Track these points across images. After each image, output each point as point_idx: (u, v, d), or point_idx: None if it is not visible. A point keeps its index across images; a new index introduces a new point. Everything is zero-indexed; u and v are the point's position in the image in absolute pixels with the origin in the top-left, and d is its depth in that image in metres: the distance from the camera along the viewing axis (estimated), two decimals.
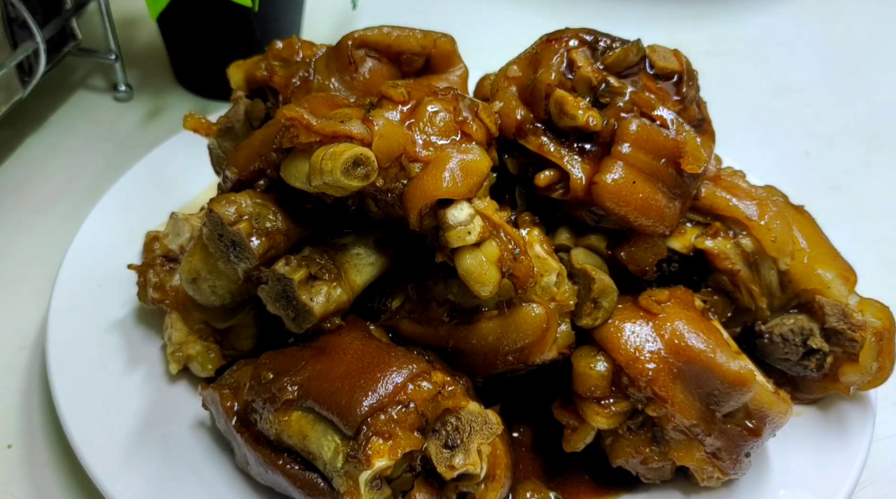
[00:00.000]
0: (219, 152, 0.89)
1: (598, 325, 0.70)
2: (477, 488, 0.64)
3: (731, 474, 0.71)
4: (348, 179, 0.62)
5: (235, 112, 0.87)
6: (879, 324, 0.74)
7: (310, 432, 0.65)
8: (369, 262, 0.73)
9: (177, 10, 1.09)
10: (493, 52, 0.91)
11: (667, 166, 0.73)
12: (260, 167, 0.71)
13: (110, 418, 0.76)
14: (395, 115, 0.67)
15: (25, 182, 1.17)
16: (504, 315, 0.69)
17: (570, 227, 0.77)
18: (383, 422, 0.62)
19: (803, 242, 0.78)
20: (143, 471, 0.72)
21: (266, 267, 0.69)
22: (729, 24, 1.63)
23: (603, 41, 0.77)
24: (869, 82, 1.48)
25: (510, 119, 0.76)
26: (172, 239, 0.86)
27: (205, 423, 0.77)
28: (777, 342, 0.76)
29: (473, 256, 0.63)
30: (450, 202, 0.64)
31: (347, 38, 0.84)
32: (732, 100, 1.39)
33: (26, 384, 0.88)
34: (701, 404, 0.68)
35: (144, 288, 0.83)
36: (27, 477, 0.80)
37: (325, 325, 0.70)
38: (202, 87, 1.33)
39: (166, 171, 1.04)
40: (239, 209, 0.69)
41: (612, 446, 0.72)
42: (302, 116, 0.64)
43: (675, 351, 0.68)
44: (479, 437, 0.63)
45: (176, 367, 0.79)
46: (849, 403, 0.79)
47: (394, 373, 0.65)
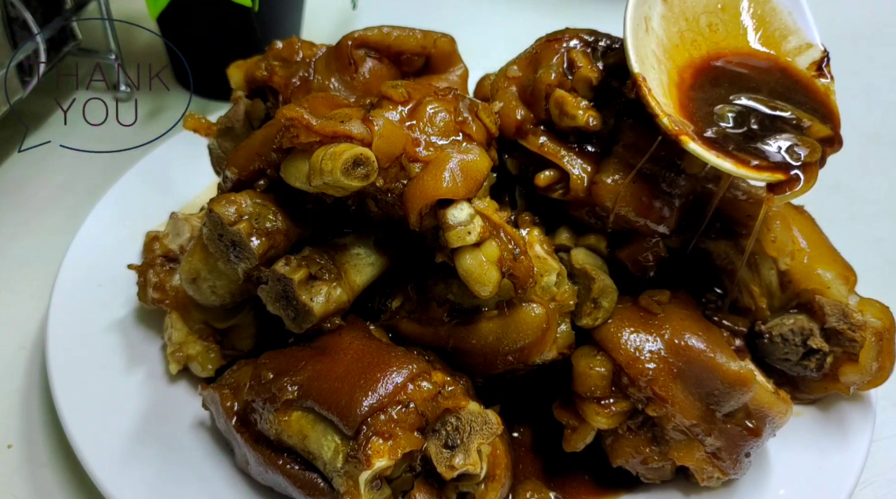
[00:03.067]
0: (219, 152, 0.89)
1: (598, 325, 0.71)
2: (477, 488, 0.64)
3: (731, 474, 0.71)
4: (348, 179, 0.62)
5: (235, 112, 0.87)
6: (879, 324, 0.74)
7: (310, 432, 0.65)
8: (369, 262, 0.73)
9: (177, 10, 1.09)
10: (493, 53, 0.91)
11: (667, 167, 0.73)
12: (260, 167, 0.71)
13: (110, 418, 0.76)
14: (395, 115, 0.67)
15: (25, 182, 1.17)
16: (504, 315, 0.69)
17: (570, 227, 0.77)
18: (383, 422, 0.62)
19: (803, 242, 0.78)
20: (143, 471, 0.72)
21: (266, 267, 0.69)
22: None
23: (603, 41, 0.77)
24: (869, 82, 1.47)
25: (510, 119, 0.76)
26: (172, 239, 0.86)
27: (205, 423, 0.77)
28: (777, 342, 0.76)
29: (473, 256, 0.63)
30: (450, 202, 0.64)
31: (347, 39, 0.84)
32: None
33: (26, 384, 0.88)
34: (701, 403, 0.68)
35: (144, 288, 0.83)
36: (27, 477, 0.80)
37: (325, 325, 0.70)
38: (202, 87, 1.33)
39: (166, 171, 1.04)
40: (239, 209, 0.69)
41: (612, 446, 0.72)
42: (302, 116, 0.64)
43: (675, 351, 0.68)
44: (479, 437, 0.63)
45: (176, 367, 0.79)
46: (849, 403, 0.79)
47: (394, 373, 0.65)
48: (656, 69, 0.70)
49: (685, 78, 0.72)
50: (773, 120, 0.68)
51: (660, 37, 0.72)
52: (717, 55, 0.74)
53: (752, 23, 0.75)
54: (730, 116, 0.68)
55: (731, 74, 0.72)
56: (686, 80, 0.72)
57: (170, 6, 1.03)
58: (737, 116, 0.68)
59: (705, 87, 0.71)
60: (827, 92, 0.72)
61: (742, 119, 0.68)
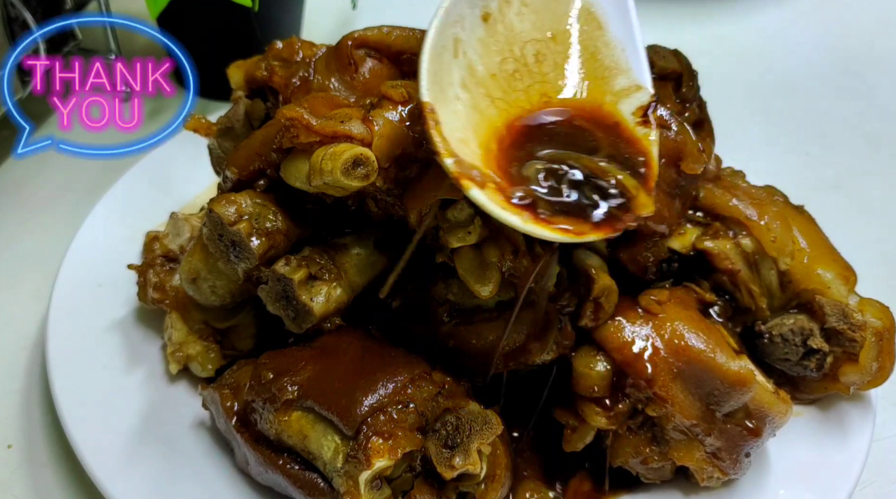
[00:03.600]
0: (219, 152, 0.89)
1: (598, 325, 0.71)
2: (477, 488, 0.64)
3: (731, 474, 0.71)
4: (348, 179, 0.62)
5: (235, 112, 0.87)
6: (879, 324, 0.74)
7: (310, 432, 0.65)
8: (369, 262, 0.73)
9: (177, 10, 1.09)
10: None
11: (667, 167, 0.73)
12: (260, 167, 0.71)
13: (110, 418, 0.76)
14: (394, 115, 0.67)
15: (25, 182, 1.17)
16: (504, 315, 0.69)
17: None
18: (383, 422, 0.62)
19: (803, 242, 0.78)
20: (143, 471, 0.72)
21: (266, 267, 0.69)
22: (729, 24, 1.63)
23: None
24: (869, 82, 1.47)
25: None
26: (172, 239, 0.86)
27: (205, 423, 0.77)
28: (777, 342, 0.76)
29: (474, 256, 0.63)
30: (450, 202, 0.64)
31: (347, 38, 0.84)
32: (732, 100, 1.39)
33: (26, 384, 0.88)
34: (701, 403, 0.68)
35: (144, 288, 0.83)
36: (27, 477, 0.80)
37: (325, 325, 0.70)
38: (202, 87, 1.33)
39: (166, 171, 1.04)
40: (239, 209, 0.69)
41: (612, 446, 0.72)
42: (302, 116, 0.64)
43: (675, 351, 0.68)
44: (479, 437, 0.63)
45: (176, 367, 0.79)
46: (849, 403, 0.79)
47: (394, 373, 0.65)
48: (462, 101, 0.62)
49: (500, 122, 0.63)
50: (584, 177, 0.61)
51: (472, 64, 0.63)
52: (541, 94, 0.66)
53: (583, 57, 0.68)
54: (539, 176, 0.60)
55: (549, 123, 0.65)
56: (501, 124, 0.63)
57: (170, 6, 1.03)
58: (546, 174, 0.60)
59: (520, 136, 0.63)
60: (646, 143, 0.64)
61: (552, 176, 0.60)
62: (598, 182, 0.60)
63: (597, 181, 0.60)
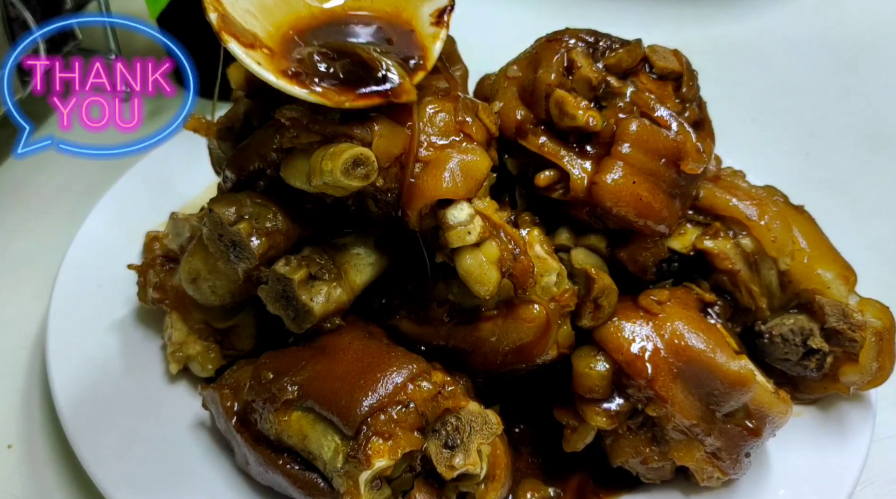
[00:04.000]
0: (219, 152, 0.89)
1: (598, 325, 0.71)
2: (477, 488, 0.64)
3: (731, 474, 0.71)
4: (348, 179, 0.62)
5: (235, 112, 0.87)
6: (879, 324, 0.74)
7: (310, 432, 0.65)
8: (369, 262, 0.73)
9: (177, 10, 1.09)
10: (493, 53, 0.91)
11: (667, 167, 0.73)
12: (260, 167, 0.71)
13: (110, 418, 0.76)
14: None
15: (25, 182, 1.17)
16: (504, 315, 0.69)
17: (570, 227, 0.77)
18: (383, 422, 0.62)
19: (803, 242, 0.78)
20: (142, 471, 0.72)
21: (266, 267, 0.69)
22: (729, 24, 1.63)
23: (603, 42, 0.77)
24: (869, 82, 1.47)
25: (510, 119, 0.76)
26: (172, 239, 0.86)
27: (205, 423, 0.77)
28: (777, 342, 0.76)
29: (473, 256, 0.63)
30: (450, 202, 0.64)
31: None
32: (732, 100, 1.39)
33: (26, 384, 0.88)
34: (701, 403, 0.68)
35: (144, 288, 0.83)
36: (27, 477, 0.80)
37: (325, 325, 0.70)
38: (202, 87, 1.33)
39: (166, 171, 1.04)
40: (239, 209, 0.69)
41: (612, 446, 0.72)
42: (302, 116, 0.64)
43: (675, 351, 0.68)
44: (479, 437, 0.63)
45: (176, 367, 0.79)
46: (849, 403, 0.79)
47: (394, 373, 0.65)
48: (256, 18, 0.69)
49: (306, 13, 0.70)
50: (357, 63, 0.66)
51: None
52: None
53: None
54: (315, 57, 0.66)
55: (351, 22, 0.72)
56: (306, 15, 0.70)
57: (170, 6, 1.03)
58: (321, 57, 0.66)
59: (319, 30, 0.70)
60: (430, 41, 0.71)
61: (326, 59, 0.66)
62: (368, 67, 0.65)
63: (368, 66, 0.65)
